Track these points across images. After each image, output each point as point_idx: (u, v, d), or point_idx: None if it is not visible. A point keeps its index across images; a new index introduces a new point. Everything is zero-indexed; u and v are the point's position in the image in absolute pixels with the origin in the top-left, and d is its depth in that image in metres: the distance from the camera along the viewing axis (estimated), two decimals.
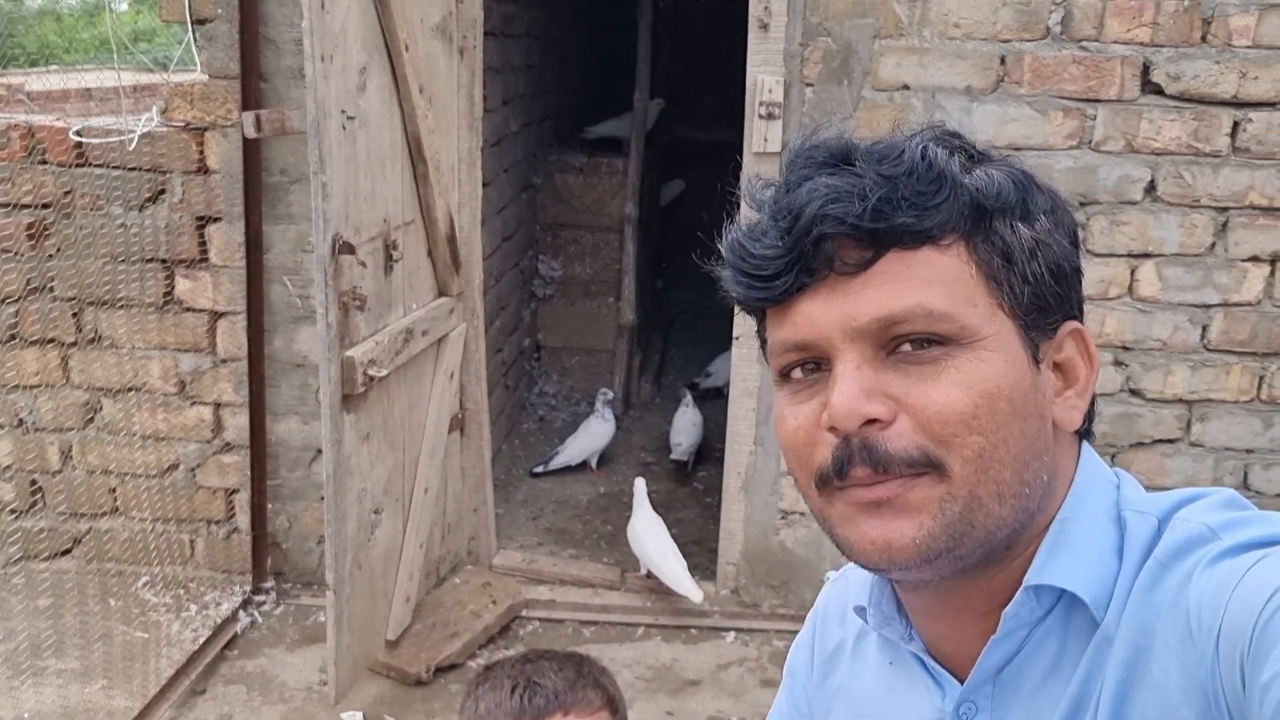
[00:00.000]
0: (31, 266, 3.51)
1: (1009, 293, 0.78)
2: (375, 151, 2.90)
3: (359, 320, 2.84)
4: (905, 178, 0.76)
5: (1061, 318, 0.81)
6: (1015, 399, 0.76)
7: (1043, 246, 0.79)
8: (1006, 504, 0.77)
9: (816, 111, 3.24)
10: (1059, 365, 0.82)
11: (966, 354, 0.76)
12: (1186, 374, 3.32)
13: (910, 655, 0.89)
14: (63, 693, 3.13)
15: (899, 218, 0.75)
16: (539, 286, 5.55)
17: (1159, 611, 0.75)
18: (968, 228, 0.77)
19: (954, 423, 0.75)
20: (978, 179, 0.79)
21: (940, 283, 0.76)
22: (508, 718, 1.28)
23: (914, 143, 0.78)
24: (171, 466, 3.67)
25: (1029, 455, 0.77)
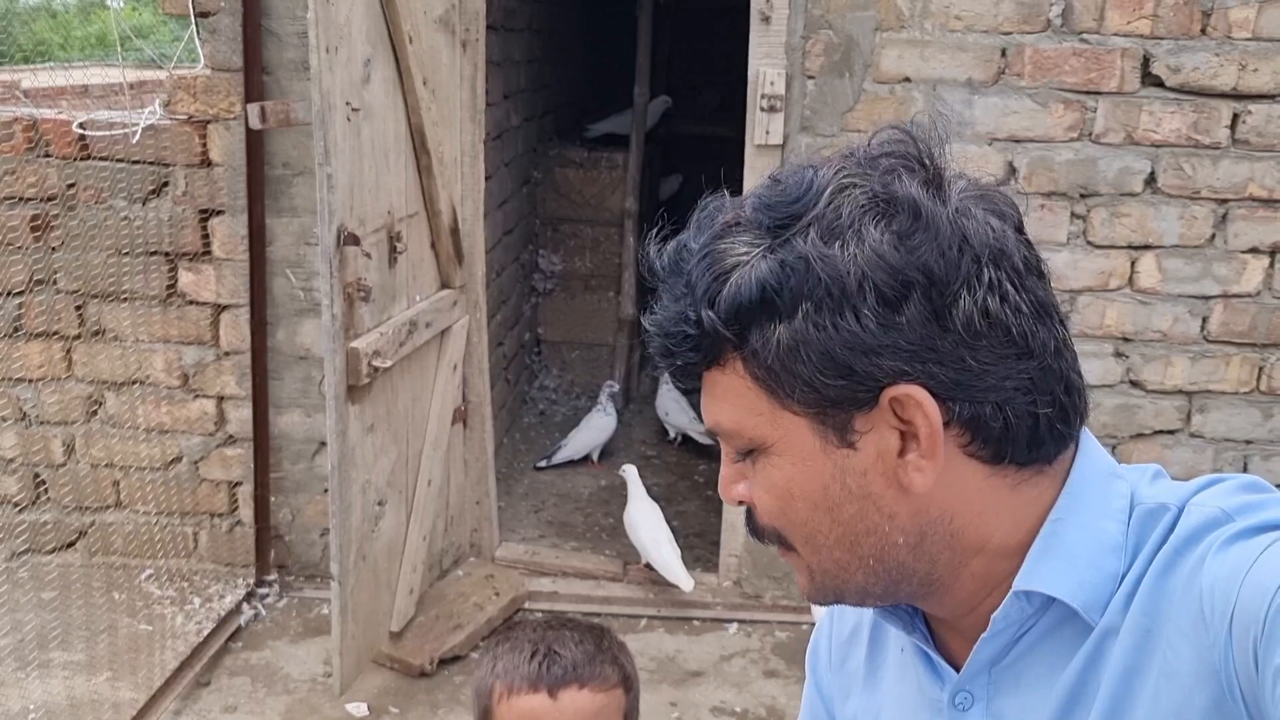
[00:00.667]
0: (35, 259, 3.51)
1: (787, 394, 0.77)
2: (379, 143, 2.91)
3: (363, 311, 2.85)
4: (678, 309, 0.79)
5: (872, 391, 0.76)
6: (812, 496, 0.79)
7: (804, 344, 0.75)
8: (857, 574, 0.82)
9: (818, 104, 3.25)
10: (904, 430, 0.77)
11: (765, 459, 0.81)
12: (1186, 365, 3.33)
13: (913, 644, 0.90)
14: (69, 684, 3.14)
15: (682, 354, 0.80)
16: (539, 281, 5.57)
17: (1171, 597, 0.75)
18: (735, 345, 0.77)
19: (773, 517, 0.82)
20: (724, 299, 0.76)
21: (727, 400, 0.80)
22: (523, 682, 1.29)
23: (693, 257, 0.79)
24: (175, 459, 3.68)
25: (855, 536, 0.80)
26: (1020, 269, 0.77)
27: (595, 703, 1.29)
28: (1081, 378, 0.81)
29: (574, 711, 1.28)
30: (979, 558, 0.81)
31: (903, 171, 0.77)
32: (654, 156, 5.99)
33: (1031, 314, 0.77)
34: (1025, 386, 0.77)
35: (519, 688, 1.29)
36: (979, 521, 0.80)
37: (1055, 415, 0.78)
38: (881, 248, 0.74)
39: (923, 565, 0.81)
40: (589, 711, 1.29)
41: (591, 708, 1.29)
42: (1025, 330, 0.76)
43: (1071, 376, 0.79)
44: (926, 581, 0.82)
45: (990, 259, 0.75)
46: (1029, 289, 0.77)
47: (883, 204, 0.75)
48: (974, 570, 0.81)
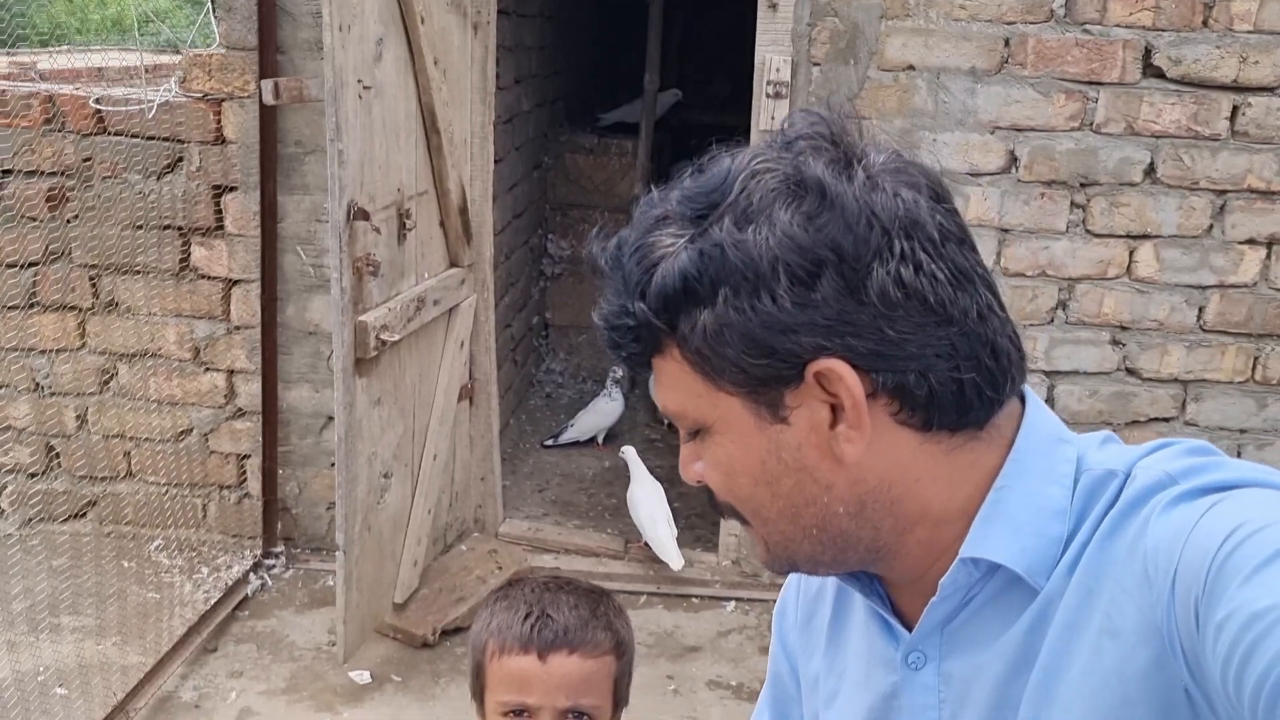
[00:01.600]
0: (51, 232, 3.58)
1: (719, 375, 0.80)
2: (390, 121, 2.96)
3: (372, 286, 2.91)
4: (619, 303, 0.83)
5: (795, 368, 0.78)
6: (751, 471, 0.83)
7: (726, 327, 0.78)
8: (804, 544, 0.86)
9: (823, 91, 3.30)
10: (834, 404, 0.80)
11: (708, 440, 0.85)
12: (1182, 354, 3.37)
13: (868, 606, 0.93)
14: (79, 648, 3.21)
15: (627, 346, 0.84)
16: (548, 265, 5.62)
17: (1115, 558, 0.76)
18: (670, 330, 0.81)
19: (724, 494, 0.87)
20: (653, 290, 0.80)
21: (670, 385, 0.84)
22: (515, 642, 1.31)
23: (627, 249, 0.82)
24: (185, 432, 3.75)
25: (795, 507, 0.84)
26: (935, 238, 0.78)
27: (584, 668, 1.31)
28: (1015, 342, 0.82)
29: (562, 675, 1.30)
30: (922, 524, 0.84)
31: (812, 153, 0.79)
32: (664, 144, 6.04)
33: (949, 281, 0.78)
34: (947, 353, 0.78)
35: (510, 647, 1.32)
36: (916, 488, 0.82)
37: (982, 380, 0.80)
38: (791, 229, 0.77)
39: (867, 533, 0.84)
40: (577, 677, 1.31)
41: (580, 673, 1.31)
42: (943, 298, 0.78)
43: (999, 341, 0.80)
44: (873, 548, 0.85)
45: (901, 230, 0.77)
46: (946, 256, 0.78)
47: (793, 186, 0.78)
48: (919, 537, 0.84)
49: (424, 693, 3.10)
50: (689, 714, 3.05)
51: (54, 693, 2.99)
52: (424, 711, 3.02)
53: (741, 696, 3.13)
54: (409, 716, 3.00)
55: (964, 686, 0.85)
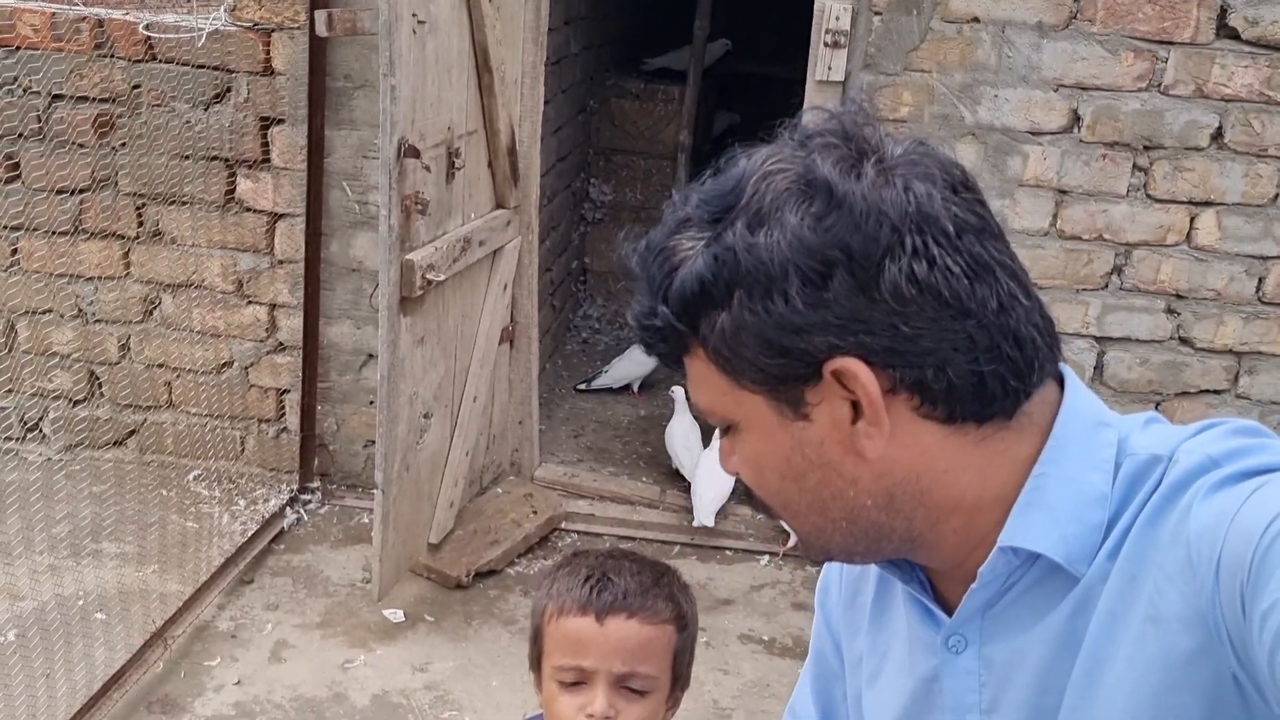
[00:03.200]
0: (99, 159, 3.57)
1: (741, 374, 0.82)
2: (443, 58, 2.91)
3: (419, 225, 2.88)
4: (647, 304, 0.85)
5: (812, 366, 0.79)
6: (778, 467, 0.85)
7: (742, 328, 0.79)
8: (835, 535, 0.86)
9: (883, 41, 3.22)
10: (856, 402, 0.80)
11: (738, 435, 0.86)
12: (1239, 325, 3.30)
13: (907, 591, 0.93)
14: (119, 574, 3.24)
15: (656, 347, 0.86)
16: (589, 210, 5.57)
17: (1158, 544, 0.76)
18: (695, 332, 0.83)
19: (755, 488, 0.89)
20: (674, 294, 0.82)
21: (699, 383, 0.85)
22: (575, 605, 1.30)
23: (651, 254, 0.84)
24: (226, 364, 3.76)
25: (824, 501, 0.84)
26: (950, 230, 0.77)
27: (642, 634, 1.28)
28: (1042, 329, 0.81)
29: (619, 639, 1.28)
30: (956, 514, 0.83)
31: (822, 151, 0.79)
32: (710, 92, 5.95)
33: (966, 273, 0.77)
34: (965, 346, 0.77)
35: (569, 609, 1.30)
36: (946, 479, 0.82)
37: (1005, 370, 0.79)
38: (800, 231, 0.77)
39: (899, 524, 0.84)
40: (635, 641, 1.28)
41: (638, 638, 1.28)
42: (959, 291, 0.77)
43: (1022, 330, 0.79)
44: (907, 538, 0.84)
45: (912, 226, 0.76)
46: (963, 249, 0.77)
47: (802, 187, 0.78)
48: (954, 526, 0.83)
49: (456, 633, 3.12)
50: (720, 666, 3.05)
51: (94, 617, 3.03)
52: (456, 651, 3.04)
53: (773, 651, 3.13)
54: (441, 656, 3.02)
55: (1005, 671, 0.84)
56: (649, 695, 1.30)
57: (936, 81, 3.22)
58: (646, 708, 1.30)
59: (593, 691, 1.28)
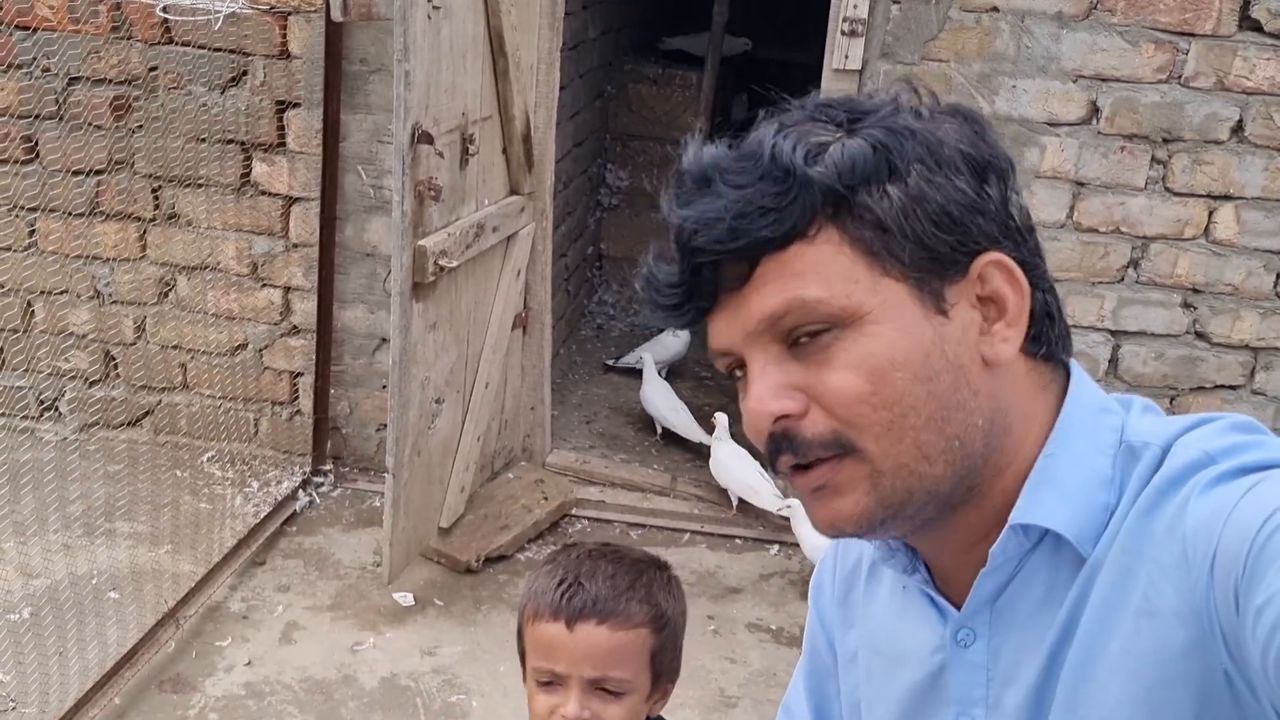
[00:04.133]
0: (115, 141, 3.58)
1: (890, 259, 0.78)
2: (458, 43, 2.91)
3: (433, 211, 2.88)
4: (758, 184, 0.78)
5: (969, 256, 0.80)
6: (912, 363, 0.78)
7: (919, 200, 0.78)
8: (937, 463, 0.79)
9: (901, 30, 3.19)
10: (984, 299, 0.81)
11: (853, 334, 0.78)
12: (1256, 321, 3.28)
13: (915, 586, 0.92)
14: (132, 553, 3.27)
15: (756, 231, 0.78)
16: (605, 195, 5.56)
17: (1153, 537, 0.76)
18: (831, 211, 0.78)
19: (854, 404, 0.78)
20: (829, 160, 0.78)
21: (813, 271, 0.78)
22: (546, 609, 1.30)
23: (768, 138, 0.80)
24: (240, 346, 3.77)
25: (946, 410, 0.79)
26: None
27: (612, 640, 1.28)
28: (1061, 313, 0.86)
29: (589, 645, 1.28)
30: (1009, 472, 0.82)
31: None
32: (728, 78, 5.92)
33: None
34: (1046, 287, 0.83)
35: (542, 613, 1.31)
36: (1021, 423, 0.82)
37: (1061, 324, 0.85)
38: (962, 130, 0.81)
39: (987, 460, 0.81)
40: (605, 648, 1.28)
41: (608, 644, 1.28)
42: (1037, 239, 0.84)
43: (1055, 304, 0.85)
44: (972, 485, 0.82)
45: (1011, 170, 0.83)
46: None
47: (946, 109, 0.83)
48: (1003, 486, 0.82)
49: (465, 618, 3.14)
50: (728, 655, 3.06)
51: (107, 596, 3.06)
52: (465, 636, 3.06)
53: (781, 641, 3.13)
54: (450, 640, 3.04)
55: (1012, 664, 0.84)
56: (625, 696, 1.30)
57: (954, 71, 3.20)
58: (624, 707, 1.30)
59: (566, 694, 1.29)
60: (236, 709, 2.71)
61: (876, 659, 0.97)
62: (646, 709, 1.34)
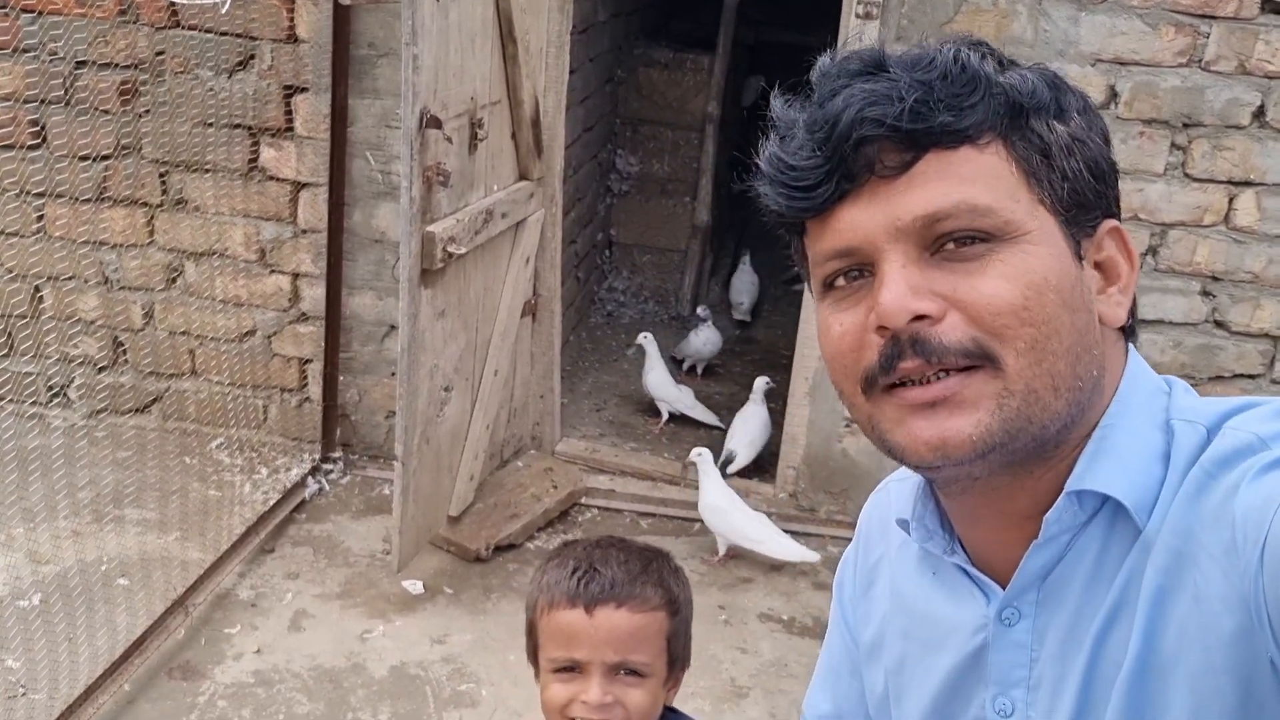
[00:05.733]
0: (122, 126, 3.56)
1: (1049, 189, 0.79)
2: (466, 27, 2.87)
3: (441, 197, 2.85)
4: (940, 80, 0.77)
5: (1100, 215, 0.82)
6: (1063, 290, 0.77)
7: (1079, 144, 0.80)
8: (1062, 397, 0.77)
9: (916, 13, 3.15)
10: (1099, 264, 0.82)
11: (1011, 248, 0.77)
12: (1276, 309, 3.23)
13: (953, 566, 0.89)
14: (141, 540, 3.26)
15: (937, 117, 0.76)
16: (615, 181, 5.53)
17: (1203, 520, 0.74)
18: (1004, 126, 0.78)
19: (1005, 314, 0.76)
20: (1011, 78, 0.79)
21: (981, 179, 0.77)
22: (563, 597, 1.31)
23: (945, 49, 0.79)
24: (249, 332, 3.75)
25: (1080, 348, 0.78)
26: None
27: (632, 622, 1.30)
28: None
29: (609, 629, 1.29)
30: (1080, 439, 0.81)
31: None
32: (739, 62, 5.87)
33: None
34: None
35: (558, 602, 1.31)
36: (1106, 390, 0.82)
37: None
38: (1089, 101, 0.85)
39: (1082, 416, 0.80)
40: (624, 630, 1.29)
41: (627, 627, 1.29)
42: None
43: None
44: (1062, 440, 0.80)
45: None
46: None
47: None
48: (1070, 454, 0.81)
49: (475, 606, 3.12)
50: (739, 645, 3.03)
51: (117, 583, 3.05)
52: (474, 624, 3.04)
53: (793, 631, 3.11)
54: (460, 629, 3.02)
55: (1057, 645, 0.83)
56: (646, 679, 1.31)
57: None
58: (645, 691, 1.31)
59: (588, 681, 1.28)
60: (245, 697, 2.70)
61: (911, 645, 0.95)
62: (664, 695, 1.34)
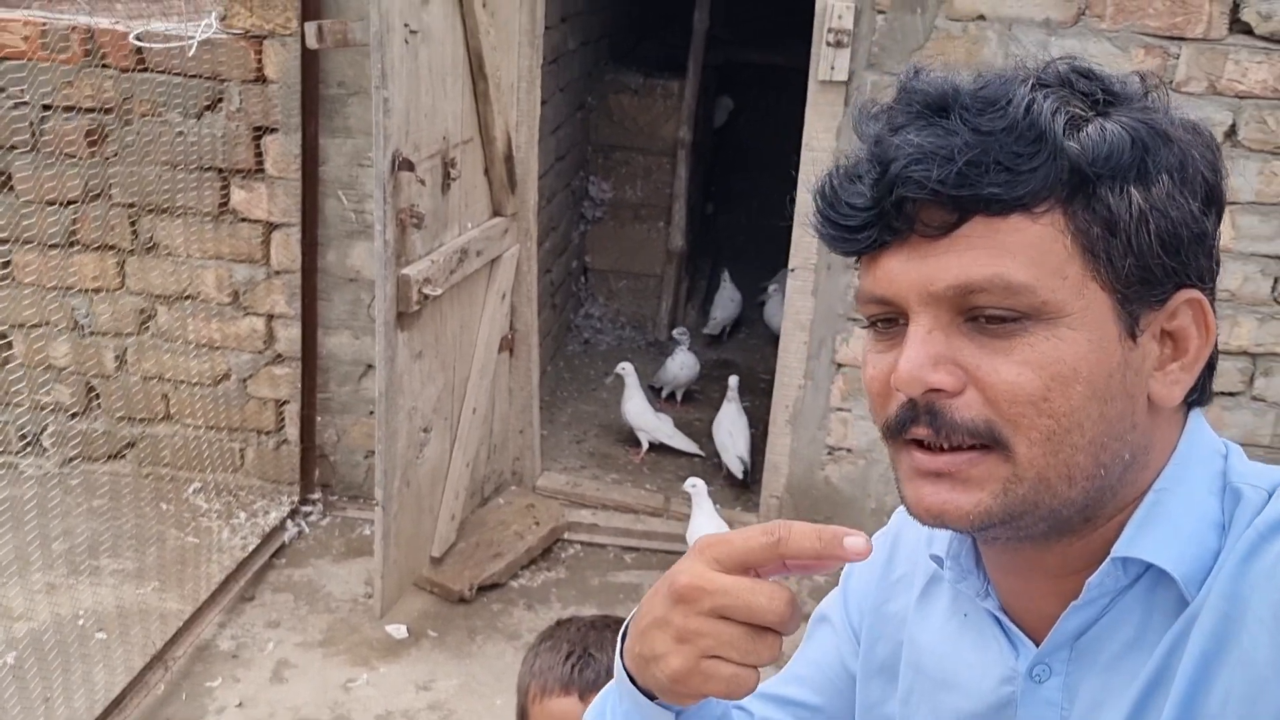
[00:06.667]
0: (90, 171, 3.51)
1: (1106, 265, 0.72)
2: (437, 67, 2.85)
3: (415, 238, 2.83)
4: (1001, 136, 0.70)
5: (1173, 287, 0.74)
6: (1095, 382, 0.72)
7: (1155, 214, 0.72)
8: (1077, 486, 0.74)
9: (887, 40, 3.15)
10: (1168, 334, 0.76)
11: (1045, 330, 0.72)
12: (1253, 326, 3.24)
13: (985, 612, 0.87)
14: (118, 592, 3.20)
15: (985, 186, 0.70)
16: (589, 208, 5.51)
17: (1254, 585, 0.71)
18: (1066, 194, 0.71)
19: (1022, 403, 0.72)
20: (1087, 139, 0.71)
21: (1026, 252, 0.71)
22: (556, 684, 1.27)
23: (1022, 91, 0.72)
24: (224, 376, 3.71)
25: (1107, 437, 0.74)
26: None
27: None
28: None
29: None
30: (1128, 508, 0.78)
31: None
32: (709, 84, 5.87)
33: None
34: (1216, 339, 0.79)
35: (552, 689, 1.27)
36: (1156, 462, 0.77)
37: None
38: (1204, 151, 0.75)
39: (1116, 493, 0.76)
40: None
41: None
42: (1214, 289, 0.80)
43: None
44: (1091, 516, 0.77)
45: None
46: None
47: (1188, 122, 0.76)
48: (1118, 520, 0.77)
49: (460, 650, 3.08)
50: None
51: (94, 638, 2.99)
52: (460, 668, 3.00)
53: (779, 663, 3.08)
54: (445, 673, 2.98)
55: (1091, 707, 0.79)
56: None
57: None
58: None
59: None
60: None
61: (921, 679, 0.92)
62: None
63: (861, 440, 3.48)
